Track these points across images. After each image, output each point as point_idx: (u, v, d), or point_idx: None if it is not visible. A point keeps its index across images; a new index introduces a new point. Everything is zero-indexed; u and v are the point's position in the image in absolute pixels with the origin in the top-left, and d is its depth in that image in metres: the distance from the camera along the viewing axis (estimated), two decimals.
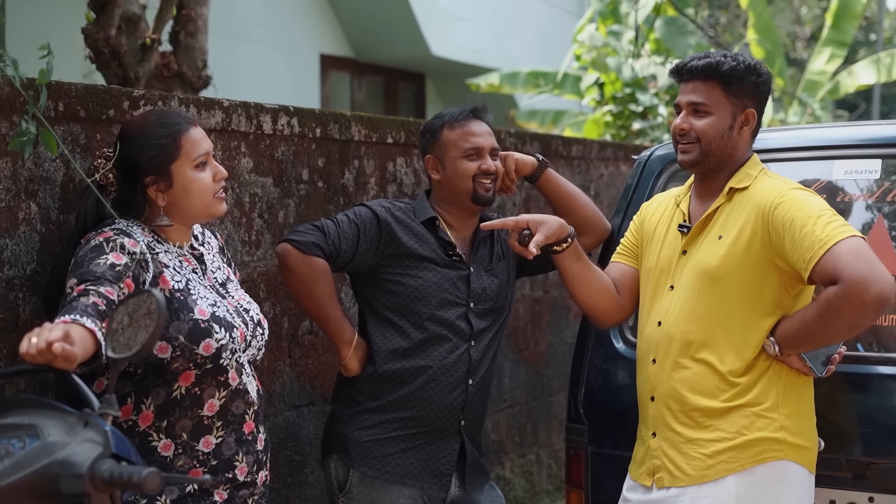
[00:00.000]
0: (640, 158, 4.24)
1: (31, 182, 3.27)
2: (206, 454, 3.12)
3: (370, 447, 3.75)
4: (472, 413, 3.83)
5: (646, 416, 3.48)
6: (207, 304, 3.13)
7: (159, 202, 3.16)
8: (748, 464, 3.27)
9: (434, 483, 3.78)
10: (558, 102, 13.68)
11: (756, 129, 3.46)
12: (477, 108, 3.93)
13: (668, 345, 3.39)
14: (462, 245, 3.89)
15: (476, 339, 3.81)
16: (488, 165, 3.84)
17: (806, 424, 3.35)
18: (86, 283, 2.83)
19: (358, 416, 3.79)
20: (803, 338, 3.24)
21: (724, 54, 3.40)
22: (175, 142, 3.15)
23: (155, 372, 3.06)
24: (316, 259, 3.70)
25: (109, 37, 5.54)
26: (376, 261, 3.78)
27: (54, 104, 3.30)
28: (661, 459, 3.39)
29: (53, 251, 3.31)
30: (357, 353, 3.79)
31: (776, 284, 3.29)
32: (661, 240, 3.54)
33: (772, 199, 3.27)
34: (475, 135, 3.86)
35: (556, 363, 6.47)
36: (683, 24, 11.40)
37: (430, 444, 3.78)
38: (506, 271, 3.96)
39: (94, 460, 2.19)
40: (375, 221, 3.78)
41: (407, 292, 3.76)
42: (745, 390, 3.29)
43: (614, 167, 7.08)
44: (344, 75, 13.15)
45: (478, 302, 3.83)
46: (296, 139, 4.35)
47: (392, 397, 3.75)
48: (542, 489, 6.48)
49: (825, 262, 3.09)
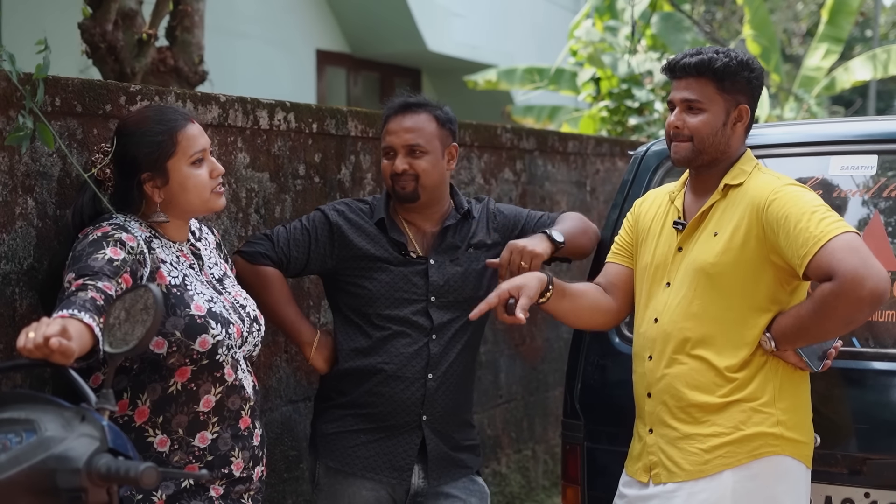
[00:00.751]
0: (636, 154, 4.23)
1: (28, 177, 3.27)
2: (201, 450, 3.12)
3: (333, 440, 3.79)
4: (436, 407, 3.80)
5: (642, 412, 3.48)
6: (204, 299, 3.14)
7: (156, 198, 3.16)
8: (745, 458, 3.27)
9: (393, 476, 3.78)
10: (555, 98, 13.67)
11: (749, 124, 3.45)
12: (408, 101, 3.84)
13: (665, 341, 3.39)
14: (423, 238, 3.85)
15: (438, 333, 3.79)
16: (395, 167, 3.76)
17: (803, 419, 3.36)
18: (84, 278, 2.83)
19: (327, 411, 3.85)
20: (799, 333, 3.24)
21: (717, 50, 3.39)
22: (171, 138, 3.15)
23: (151, 367, 3.06)
24: (263, 268, 3.73)
25: (106, 32, 5.54)
26: (333, 264, 3.80)
27: (51, 99, 3.30)
28: (657, 455, 3.39)
29: (50, 246, 3.31)
30: (321, 352, 3.83)
31: (772, 280, 3.29)
32: (656, 237, 3.53)
33: (766, 196, 3.27)
34: (389, 133, 3.80)
35: (553, 359, 6.47)
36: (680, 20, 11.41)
37: (389, 438, 3.79)
38: (481, 259, 3.87)
39: (90, 455, 2.19)
40: (327, 225, 3.79)
41: (362, 294, 3.77)
42: (742, 385, 3.29)
43: (610, 163, 7.08)
44: (340, 71, 13.15)
45: (440, 295, 3.80)
46: (292, 134, 4.35)
47: (355, 393, 3.78)
48: (539, 485, 6.48)
49: (820, 258, 3.09)
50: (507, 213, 4.01)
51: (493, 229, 3.95)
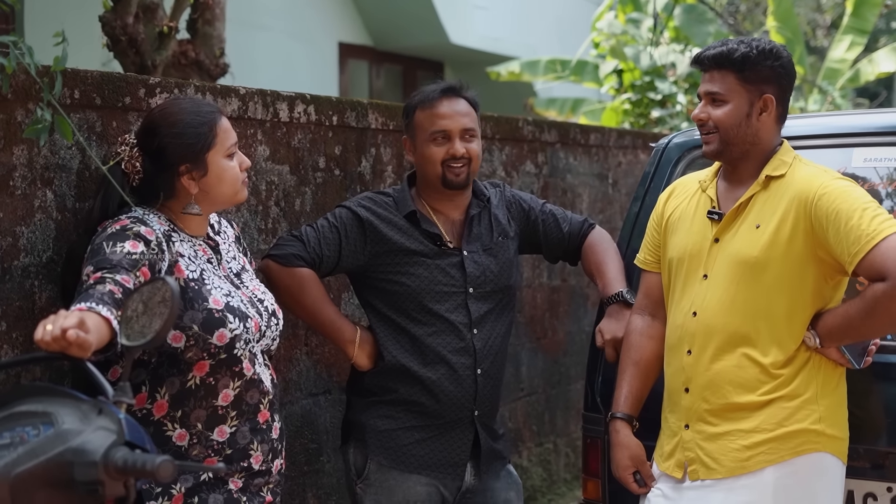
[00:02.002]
0: (657, 146, 4.21)
1: (47, 170, 3.27)
2: (220, 443, 3.12)
3: (386, 437, 3.75)
4: (485, 402, 3.79)
5: (677, 407, 3.43)
6: (222, 293, 3.13)
7: (192, 190, 3.16)
8: (787, 455, 3.24)
9: (448, 473, 3.77)
10: (577, 91, 13.63)
11: (781, 114, 3.40)
12: (452, 86, 3.80)
13: (707, 336, 3.34)
14: (452, 228, 3.81)
15: (478, 327, 3.76)
16: (455, 150, 3.70)
17: (841, 416, 3.33)
18: (102, 271, 2.82)
19: (374, 407, 3.78)
20: (846, 332, 3.21)
21: (741, 41, 3.35)
22: (211, 130, 3.16)
23: (169, 361, 3.06)
24: (298, 269, 3.68)
25: (127, 24, 5.54)
26: (366, 261, 3.75)
27: (70, 92, 3.29)
28: (694, 452, 3.35)
29: (69, 239, 3.30)
30: (364, 348, 3.77)
31: (816, 275, 3.25)
32: (687, 226, 3.47)
33: (814, 190, 3.22)
34: (442, 117, 3.73)
35: (574, 352, 6.45)
36: (703, 12, 11.36)
37: (443, 435, 3.76)
38: (509, 248, 3.88)
39: (107, 448, 2.19)
40: (357, 222, 3.74)
41: (400, 291, 3.72)
42: (786, 382, 3.26)
43: (633, 155, 7.05)
44: (362, 64, 13.13)
45: (477, 286, 3.77)
46: (312, 127, 4.34)
47: (403, 390, 3.74)
48: (560, 478, 6.47)
49: (872, 257, 3.06)
50: (519, 202, 3.99)
51: (512, 218, 3.93)
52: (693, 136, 4.07)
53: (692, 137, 4.06)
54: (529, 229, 3.98)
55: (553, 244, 4.02)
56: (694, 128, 3.72)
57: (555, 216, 4.01)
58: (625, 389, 3.59)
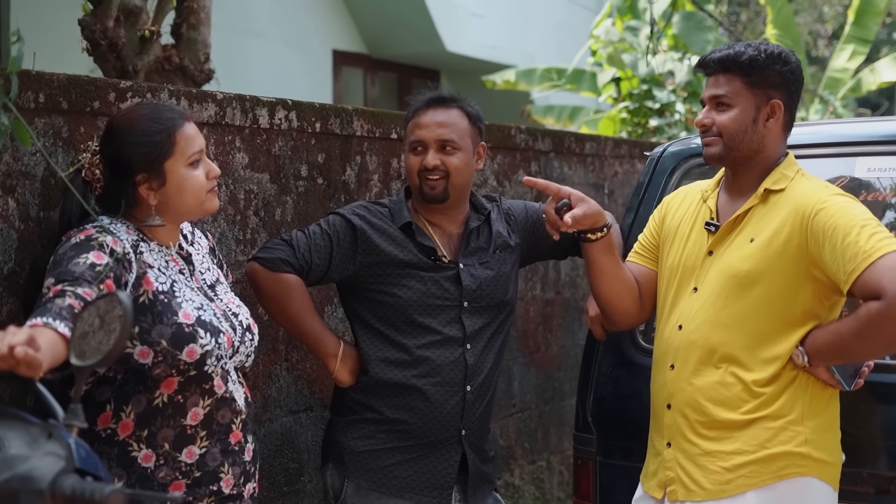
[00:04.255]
0: (652, 155, 4.12)
1: (9, 177, 3.13)
2: (188, 465, 2.97)
3: (366, 458, 3.60)
4: (473, 421, 3.65)
5: (660, 424, 3.33)
6: (193, 307, 2.99)
7: (150, 201, 3.02)
8: (770, 479, 3.13)
9: (433, 497, 3.62)
10: (576, 99, 13.55)
11: (788, 122, 3.30)
12: (440, 96, 3.70)
13: (689, 350, 3.24)
14: (449, 241, 3.70)
15: (472, 342, 3.63)
16: (427, 161, 3.60)
17: (831, 439, 3.21)
18: (63, 284, 2.69)
19: (354, 425, 3.64)
20: (837, 351, 3.09)
21: (748, 44, 3.26)
22: (170, 138, 3.01)
23: (135, 378, 2.92)
24: (285, 275, 3.56)
25: (107, 28, 5.42)
26: (355, 270, 3.63)
27: (35, 95, 3.17)
28: (675, 471, 3.24)
29: (33, 249, 3.17)
30: (346, 363, 3.64)
31: (810, 294, 3.14)
32: (684, 237, 3.38)
33: (812, 205, 3.11)
34: (420, 126, 3.64)
35: (569, 367, 6.32)
36: (702, 20, 11.26)
37: (428, 455, 3.61)
38: (508, 262, 3.76)
39: (55, 475, 2.08)
40: (350, 231, 3.62)
41: (391, 302, 3.60)
42: (769, 401, 3.14)
43: (629, 165, 6.93)
44: (357, 72, 13.07)
45: (472, 300, 3.64)
46: (294, 134, 4.20)
47: (386, 407, 3.60)
48: (553, 497, 6.35)
49: (868, 275, 2.94)
50: (517, 212, 3.87)
51: (513, 230, 3.82)
52: (689, 144, 3.99)
53: (688, 146, 3.99)
54: (534, 234, 3.85)
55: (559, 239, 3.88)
56: (690, 136, 3.61)
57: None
58: None
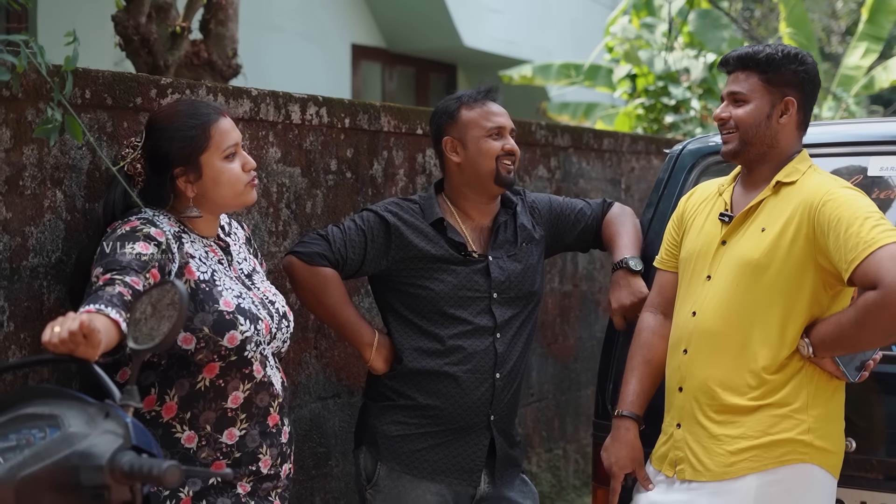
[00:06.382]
0: (671, 152, 4.18)
1: (57, 170, 3.25)
2: (229, 446, 3.10)
3: (398, 442, 3.73)
4: (502, 407, 3.78)
5: (672, 406, 3.44)
6: (233, 295, 3.11)
7: (188, 193, 3.14)
8: (771, 464, 3.22)
9: (463, 479, 3.75)
10: (591, 95, 13.60)
11: (803, 121, 3.40)
12: (492, 88, 3.88)
13: (701, 336, 3.34)
14: (480, 235, 3.83)
15: (501, 331, 3.76)
16: (511, 146, 3.77)
17: (834, 429, 3.30)
18: (111, 273, 2.81)
19: (387, 411, 3.76)
20: (838, 341, 3.18)
21: (769, 45, 3.40)
22: (205, 132, 3.13)
23: (179, 363, 3.04)
24: (322, 269, 3.68)
25: (139, 24, 5.54)
26: (388, 265, 3.75)
27: (81, 92, 3.28)
28: (683, 451, 3.35)
29: (79, 239, 3.29)
30: (381, 352, 3.76)
31: (815, 282, 3.23)
32: (699, 227, 3.48)
33: (819, 196, 3.21)
34: (497, 114, 3.80)
35: (585, 358, 6.42)
36: (717, 17, 11.32)
37: (458, 440, 3.74)
38: (534, 254, 3.90)
39: (114, 452, 2.17)
40: (384, 227, 3.74)
41: (424, 295, 3.72)
42: (775, 389, 3.24)
43: (646, 161, 7.02)
44: (375, 66, 13.12)
45: (501, 291, 3.78)
46: (324, 129, 4.32)
47: (419, 394, 3.72)
48: (569, 484, 6.44)
49: (867, 265, 3.02)
50: (541, 206, 4.00)
51: (537, 223, 3.95)
52: (707, 142, 4.06)
53: (706, 144, 4.05)
54: (557, 226, 4.00)
55: (582, 232, 4.04)
56: (708, 134, 3.71)
57: (576, 205, 4.05)
58: (633, 387, 3.59)
